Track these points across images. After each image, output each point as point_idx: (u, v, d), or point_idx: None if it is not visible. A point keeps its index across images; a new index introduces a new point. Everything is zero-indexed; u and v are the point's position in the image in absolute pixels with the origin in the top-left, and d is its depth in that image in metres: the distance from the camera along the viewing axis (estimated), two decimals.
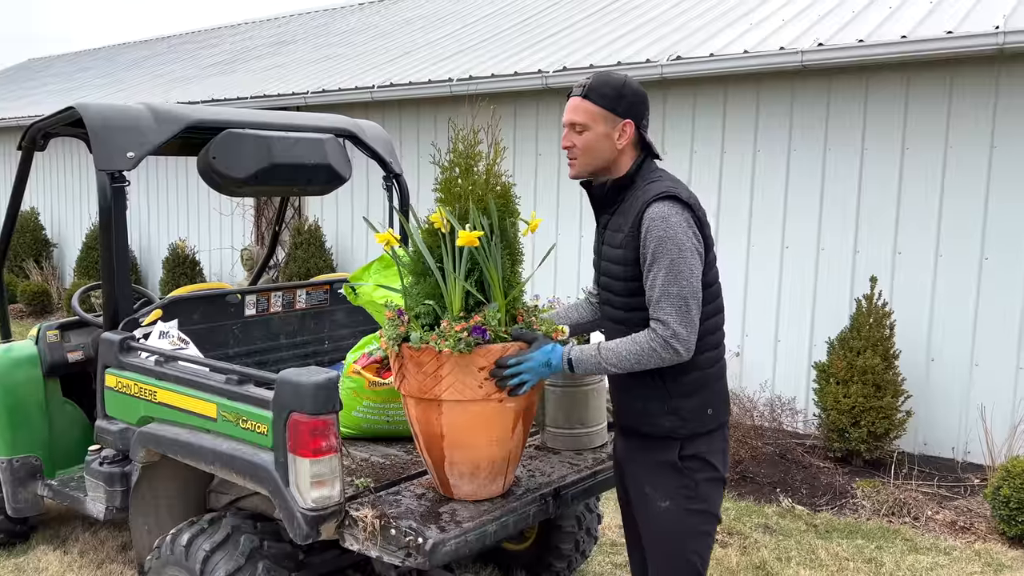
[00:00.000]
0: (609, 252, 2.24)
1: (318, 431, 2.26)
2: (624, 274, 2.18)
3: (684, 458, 2.19)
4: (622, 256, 2.17)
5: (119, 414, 3.02)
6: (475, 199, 2.31)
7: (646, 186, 2.18)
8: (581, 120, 2.19)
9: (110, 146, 3.10)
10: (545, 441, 2.89)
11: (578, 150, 2.21)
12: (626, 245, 2.16)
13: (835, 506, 4.69)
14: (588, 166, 2.23)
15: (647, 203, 2.12)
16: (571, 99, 2.21)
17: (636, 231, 2.12)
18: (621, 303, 2.22)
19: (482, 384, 2.21)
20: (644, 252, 2.11)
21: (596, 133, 2.18)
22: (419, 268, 2.36)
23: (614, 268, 2.21)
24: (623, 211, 2.21)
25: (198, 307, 3.45)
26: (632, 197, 2.20)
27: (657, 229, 2.08)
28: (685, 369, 2.15)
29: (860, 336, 5.16)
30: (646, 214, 2.10)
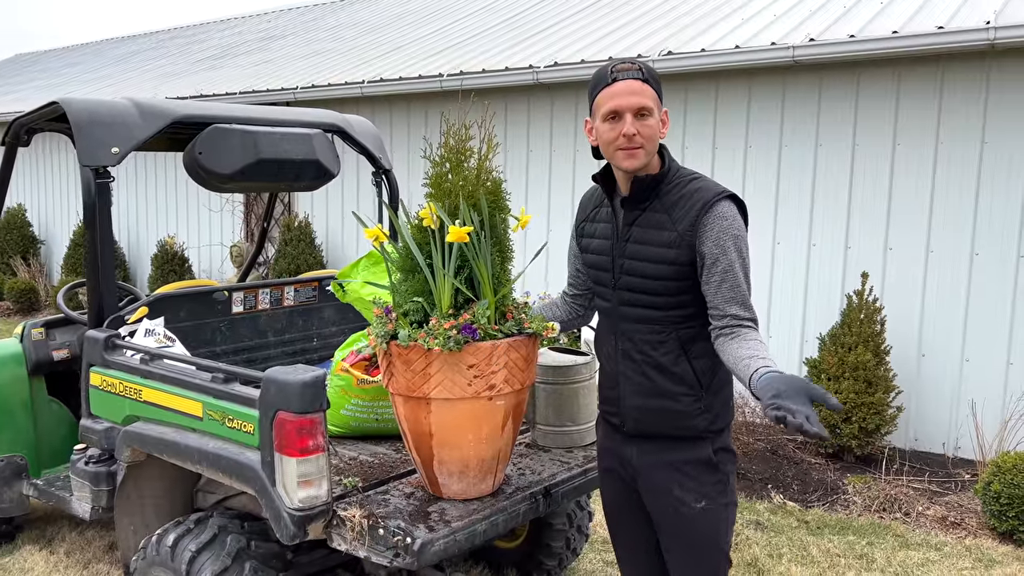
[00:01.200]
0: (645, 251, 2.10)
1: (305, 430, 2.22)
2: (669, 274, 2.07)
3: (718, 451, 2.15)
4: (670, 256, 2.06)
5: (104, 413, 2.98)
6: (465, 195, 2.28)
7: (691, 183, 2.10)
8: (648, 104, 2.03)
9: (94, 141, 3.05)
10: (535, 439, 2.87)
11: (643, 138, 2.04)
12: (678, 244, 2.05)
13: (826, 502, 4.69)
14: (650, 155, 2.08)
15: (710, 202, 2.04)
16: (628, 82, 2.03)
17: (693, 231, 2.04)
18: (651, 302, 2.11)
19: (471, 382, 2.19)
20: (715, 253, 2.02)
21: (656, 120, 2.06)
22: (408, 265, 2.32)
23: (651, 268, 2.09)
24: (664, 206, 2.10)
25: (184, 304, 3.41)
26: (674, 193, 2.09)
27: (732, 228, 2.03)
28: (717, 363, 2.12)
29: (851, 332, 5.15)
30: (714, 212, 2.03)
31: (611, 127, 2.07)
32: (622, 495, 2.30)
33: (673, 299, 2.10)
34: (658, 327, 2.12)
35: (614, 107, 2.04)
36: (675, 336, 2.12)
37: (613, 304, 2.20)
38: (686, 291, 2.10)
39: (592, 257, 2.27)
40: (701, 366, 2.13)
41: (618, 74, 2.05)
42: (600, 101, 2.08)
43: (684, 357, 2.13)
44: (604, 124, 2.08)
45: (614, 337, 2.21)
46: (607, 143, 2.09)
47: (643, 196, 2.12)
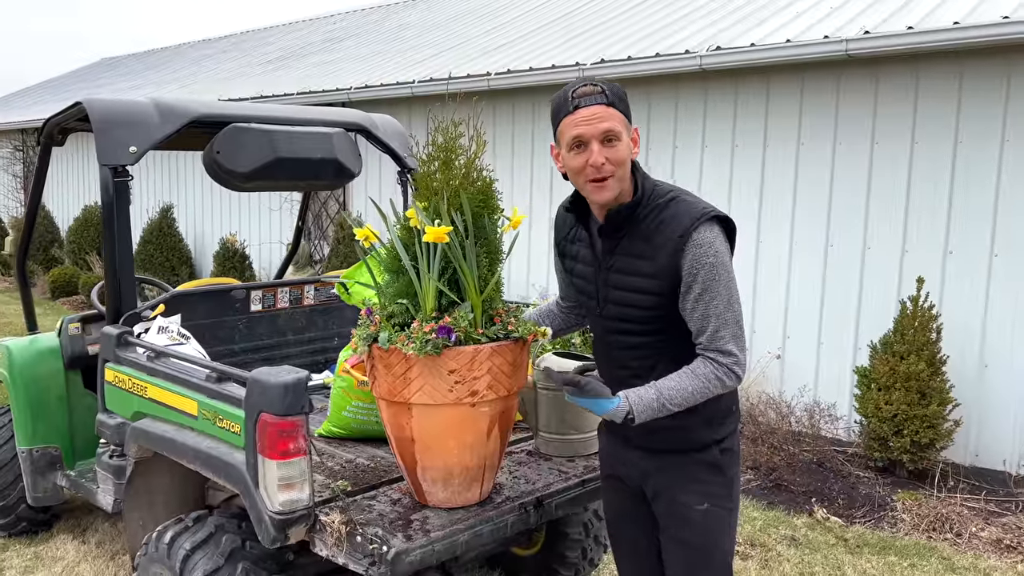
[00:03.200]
0: (627, 281, 2.02)
1: (286, 432, 2.19)
2: (651, 303, 2.00)
3: (723, 452, 2.10)
4: (652, 286, 1.98)
5: (117, 408, 3.02)
6: (451, 194, 2.21)
7: (669, 204, 1.97)
8: (612, 127, 1.90)
9: (113, 140, 3.10)
10: (537, 447, 2.78)
11: (612, 165, 1.91)
12: (659, 274, 1.96)
13: (872, 519, 4.45)
14: (621, 183, 1.95)
15: (688, 229, 1.92)
16: (591, 107, 1.90)
17: (673, 259, 1.94)
18: (640, 329, 2.04)
19: (452, 388, 2.12)
20: (689, 281, 1.94)
21: (626, 143, 1.93)
22: (395, 266, 2.27)
23: (636, 297, 2.02)
24: (642, 235, 1.99)
25: (203, 302, 3.44)
26: (651, 220, 1.98)
27: (707, 256, 1.92)
28: None
29: (904, 340, 4.88)
30: (692, 241, 1.92)
31: (576, 155, 1.95)
32: (624, 501, 2.24)
33: (659, 325, 2.03)
34: (649, 351, 2.06)
35: (577, 134, 1.92)
36: (670, 359, 2.04)
37: (601, 332, 2.15)
38: (671, 317, 2.01)
39: (578, 282, 2.20)
40: None
41: (579, 100, 1.92)
42: (563, 129, 1.97)
43: None
44: (570, 153, 1.97)
45: (608, 364, 2.17)
46: (575, 173, 1.99)
47: (619, 227, 2.03)
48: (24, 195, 15.66)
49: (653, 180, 2.07)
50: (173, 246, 11.28)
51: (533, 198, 7.36)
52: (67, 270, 11.99)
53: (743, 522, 4.24)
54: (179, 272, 11.18)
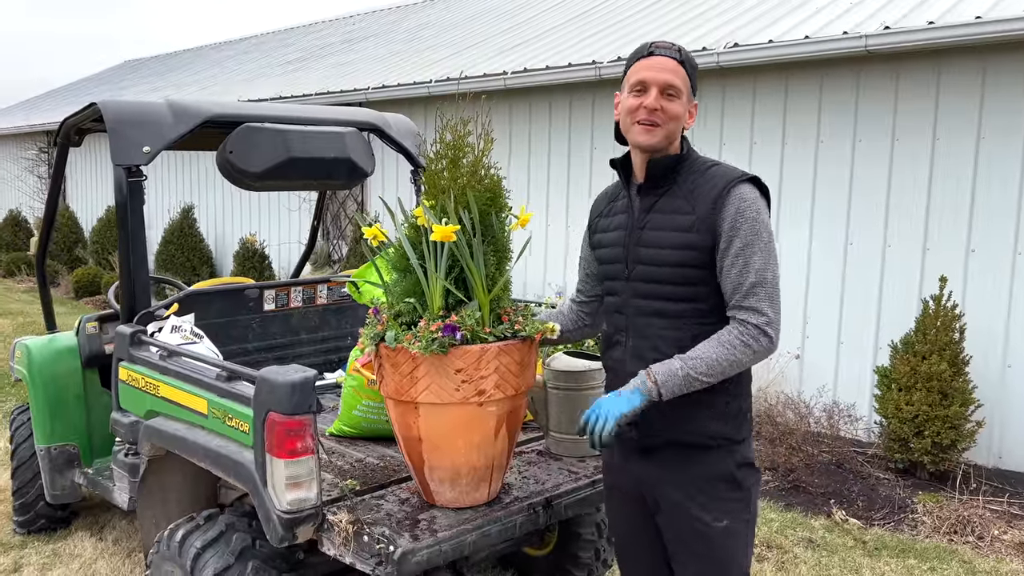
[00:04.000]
0: (660, 237, 2.00)
1: (293, 431, 2.19)
2: (687, 259, 1.95)
3: (740, 466, 2.02)
4: (689, 240, 1.95)
5: (130, 407, 3.04)
6: (459, 193, 2.20)
7: (710, 168, 2.00)
8: (676, 82, 1.96)
9: (126, 141, 3.12)
10: (548, 446, 2.76)
11: (665, 116, 1.96)
12: (697, 228, 1.94)
13: (892, 521, 4.39)
14: (666, 139, 1.98)
15: (730, 183, 1.94)
16: (661, 58, 1.97)
17: (713, 213, 1.93)
18: (673, 293, 1.98)
19: (459, 387, 2.10)
20: (730, 235, 1.92)
21: (682, 104, 1.98)
22: (402, 264, 2.26)
23: (670, 254, 1.98)
24: (682, 192, 2.00)
25: (216, 301, 3.46)
26: (691, 178, 2.00)
27: (749, 210, 1.92)
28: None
29: (925, 340, 4.80)
30: (733, 194, 1.93)
31: (635, 97, 2.00)
32: (632, 515, 2.18)
33: (690, 290, 1.98)
34: (673, 321, 2.00)
35: (642, 78, 1.98)
36: (690, 334, 1.99)
37: (625, 298, 2.08)
38: (703, 281, 1.98)
39: (605, 251, 2.16)
40: None
41: (656, 49, 2.00)
42: (631, 72, 2.02)
43: None
44: (630, 95, 2.01)
45: (625, 335, 2.09)
46: (628, 112, 2.02)
47: (660, 180, 2.04)
48: None
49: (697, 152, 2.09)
50: (194, 246, 11.38)
51: (550, 198, 7.34)
52: (90, 270, 12.13)
53: (759, 523, 4.19)
54: (200, 272, 11.28)
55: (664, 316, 2.01)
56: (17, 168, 16.08)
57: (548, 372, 2.69)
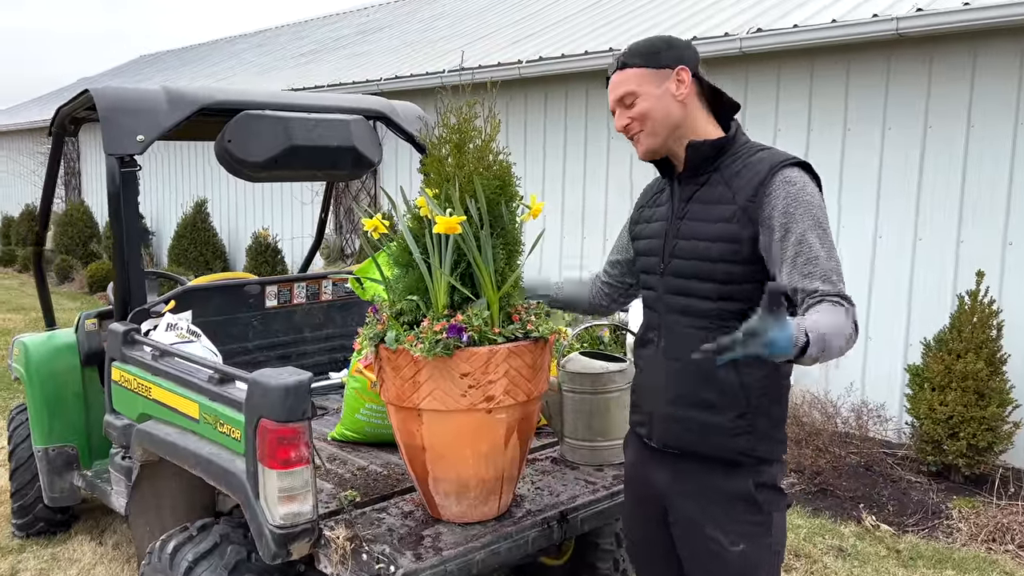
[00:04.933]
0: (701, 228, 1.83)
1: (286, 440, 2.02)
2: (725, 253, 1.79)
3: (760, 487, 1.83)
4: (728, 231, 1.79)
5: (123, 409, 2.89)
6: (464, 181, 2.02)
7: (757, 153, 1.83)
8: (624, 90, 1.86)
9: (120, 129, 2.97)
10: (563, 453, 2.58)
11: (636, 122, 1.86)
12: (738, 218, 1.78)
13: (925, 527, 4.17)
14: (657, 135, 1.86)
15: (774, 168, 1.77)
16: (612, 79, 1.90)
17: (756, 201, 1.76)
18: (704, 290, 1.82)
19: (465, 392, 1.93)
20: (783, 221, 1.73)
21: (649, 95, 1.83)
22: (405, 259, 2.09)
23: (707, 247, 1.81)
24: (723, 179, 1.83)
25: (215, 298, 3.30)
26: (736, 165, 1.83)
27: (802, 194, 1.74)
28: (771, 376, 1.82)
29: (961, 337, 4.57)
30: (778, 179, 1.75)
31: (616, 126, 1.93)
32: (647, 520, 2.01)
33: (725, 288, 1.80)
34: (705, 322, 1.83)
35: (609, 107, 1.93)
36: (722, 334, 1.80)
37: (659, 293, 1.92)
38: (741, 278, 1.80)
39: (644, 243, 2.00)
40: (751, 377, 1.81)
41: (608, 73, 1.93)
42: None
43: (731, 363, 1.80)
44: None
45: (657, 333, 1.92)
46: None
47: (700, 167, 1.87)
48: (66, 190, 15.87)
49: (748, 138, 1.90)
50: (207, 240, 11.29)
51: (565, 190, 7.15)
52: (104, 265, 12.07)
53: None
54: (213, 266, 11.19)
55: (695, 315, 1.85)
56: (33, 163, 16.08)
57: (563, 374, 2.51)
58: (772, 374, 1.84)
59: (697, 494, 1.87)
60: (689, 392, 1.85)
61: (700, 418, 1.83)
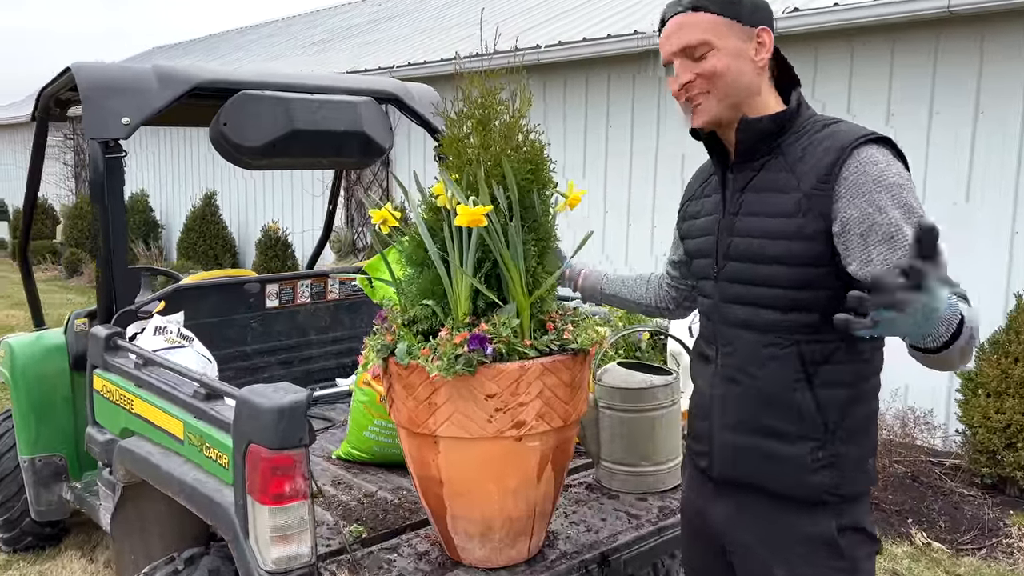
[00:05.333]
0: (759, 224, 1.51)
1: (280, 470, 1.72)
2: (790, 255, 1.46)
3: (844, 531, 1.51)
4: (793, 227, 1.46)
5: (106, 422, 2.60)
6: (490, 164, 1.70)
7: (827, 128, 1.49)
8: (698, 39, 1.48)
9: (103, 111, 2.67)
10: (599, 479, 2.26)
11: (703, 81, 1.49)
12: (805, 210, 1.45)
13: (982, 546, 3.83)
14: (724, 101, 1.50)
15: (848, 146, 1.43)
16: (673, 20, 1.53)
17: (827, 188, 1.42)
18: (767, 299, 1.50)
19: (491, 417, 1.61)
20: (866, 211, 1.39)
21: (726, 50, 1.48)
22: (419, 257, 1.77)
23: (768, 247, 1.49)
24: (786, 164, 1.50)
25: (210, 298, 3.00)
26: (800, 145, 1.49)
27: (887, 176, 1.41)
28: (856, 398, 1.51)
29: (1019, 339, 4.22)
30: (857, 159, 1.42)
31: (671, 81, 1.57)
32: (708, 557, 1.70)
33: (795, 295, 1.48)
34: (771, 336, 1.51)
35: (663, 57, 1.56)
36: (795, 352, 1.49)
37: (714, 301, 1.60)
38: (815, 283, 1.47)
39: (694, 244, 1.67)
40: (830, 398, 1.49)
41: (665, 14, 1.56)
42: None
43: (806, 383, 1.50)
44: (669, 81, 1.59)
45: (714, 348, 1.61)
46: (675, 98, 1.58)
47: (755, 149, 1.53)
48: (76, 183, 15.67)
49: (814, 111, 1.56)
50: (216, 234, 11.03)
51: (588, 183, 6.82)
52: None
53: None
54: (222, 260, 10.93)
55: (758, 329, 1.52)
56: None
57: (599, 388, 2.19)
58: (858, 394, 1.52)
59: (766, 535, 1.55)
60: (752, 417, 1.54)
61: (769, 448, 1.53)
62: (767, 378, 1.52)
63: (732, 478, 1.59)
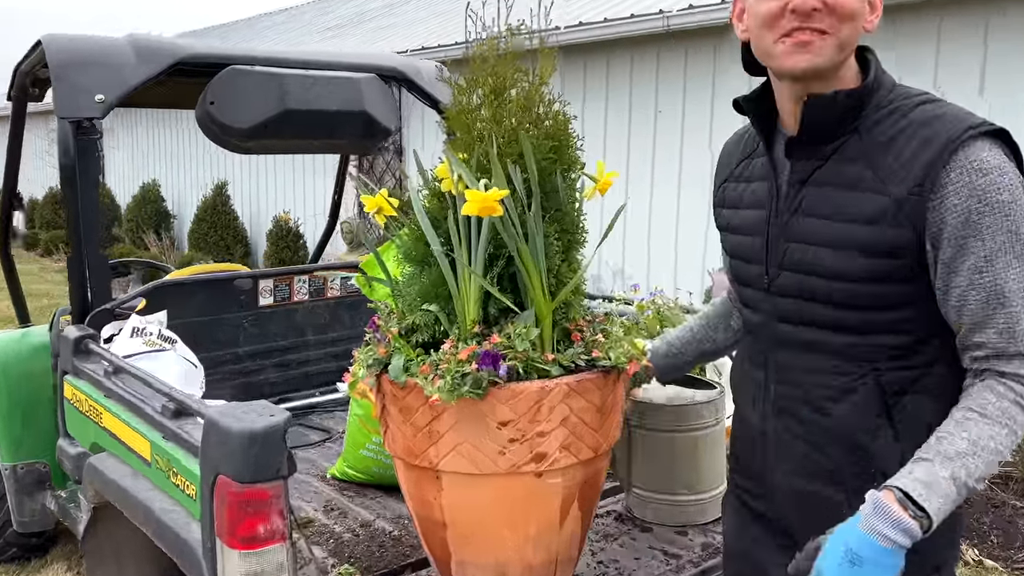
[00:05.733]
0: (828, 231, 1.19)
1: (252, 507, 1.44)
2: (869, 271, 1.16)
3: None
4: (874, 239, 1.15)
5: (77, 434, 2.34)
6: (505, 141, 1.41)
7: (919, 108, 1.17)
8: None
9: (74, 87, 2.40)
10: (629, 507, 1.97)
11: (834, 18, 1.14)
12: (891, 218, 1.13)
13: None
14: (842, 53, 1.17)
15: (956, 141, 1.12)
16: None
17: (923, 191, 1.12)
18: (839, 320, 1.20)
19: (505, 449, 1.32)
20: (962, 234, 1.11)
21: None
22: (419, 253, 1.48)
23: (844, 263, 1.17)
24: (864, 152, 1.18)
25: (197, 295, 2.73)
26: (886, 127, 1.18)
27: (994, 190, 1.10)
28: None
29: None
30: (962, 160, 1.11)
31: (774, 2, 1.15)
32: None
33: (875, 317, 1.17)
34: (839, 360, 1.21)
35: None
36: (873, 383, 1.19)
37: (765, 318, 1.29)
38: (900, 303, 1.17)
39: (735, 241, 1.36)
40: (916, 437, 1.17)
41: None
42: None
43: (887, 422, 1.20)
44: None
45: (764, 374, 1.31)
46: (763, 23, 1.18)
47: (826, 131, 1.20)
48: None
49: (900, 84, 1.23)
50: (227, 224, 10.80)
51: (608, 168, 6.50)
52: (125, 249, 11.67)
53: None
54: (233, 251, 10.71)
55: (828, 353, 1.22)
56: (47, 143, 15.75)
57: (630, 403, 1.89)
58: None
59: None
60: (821, 465, 1.25)
61: (837, 499, 1.23)
62: (841, 416, 1.22)
63: (798, 528, 1.29)
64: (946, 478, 1.07)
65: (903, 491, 1.06)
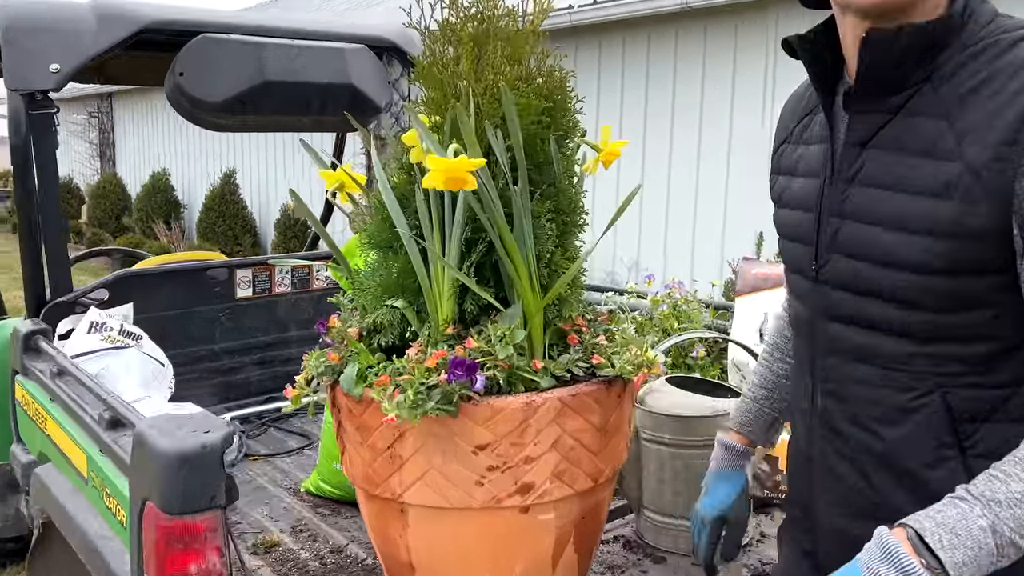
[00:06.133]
0: (889, 204, 0.93)
1: (182, 543, 1.20)
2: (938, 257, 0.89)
3: None
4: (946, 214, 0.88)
5: (28, 440, 2.12)
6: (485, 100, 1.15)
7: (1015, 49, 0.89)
8: None
9: (25, 55, 2.17)
10: (640, 531, 1.71)
11: None
12: (968, 189, 0.86)
13: None
14: None
15: None
16: None
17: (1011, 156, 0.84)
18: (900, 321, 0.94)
19: (483, 478, 1.07)
20: None
21: None
22: (384, 237, 1.23)
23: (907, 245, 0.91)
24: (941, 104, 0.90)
25: (165, 286, 2.49)
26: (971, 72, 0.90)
27: None
28: None
29: None
30: None
31: None
32: None
33: (944, 319, 0.91)
34: (902, 378, 0.94)
35: None
36: (941, 403, 0.93)
37: (813, 312, 1.03)
38: (976, 302, 0.89)
39: (786, 215, 1.09)
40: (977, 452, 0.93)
41: None
42: None
43: (958, 454, 0.94)
44: None
45: (811, 380, 1.05)
46: None
47: (890, 78, 0.92)
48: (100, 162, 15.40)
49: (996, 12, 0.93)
50: (236, 214, 10.63)
51: (625, 159, 6.22)
52: (134, 239, 11.53)
53: None
54: (242, 241, 10.54)
55: (875, 362, 0.96)
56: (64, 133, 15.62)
57: (642, 414, 1.64)
58: None
59: None
60: (870, 498, 1.00)
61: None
62: (898, 442, 0.95)
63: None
64: (984, 528, 0.81)
65: (917, 532, 0.82)
